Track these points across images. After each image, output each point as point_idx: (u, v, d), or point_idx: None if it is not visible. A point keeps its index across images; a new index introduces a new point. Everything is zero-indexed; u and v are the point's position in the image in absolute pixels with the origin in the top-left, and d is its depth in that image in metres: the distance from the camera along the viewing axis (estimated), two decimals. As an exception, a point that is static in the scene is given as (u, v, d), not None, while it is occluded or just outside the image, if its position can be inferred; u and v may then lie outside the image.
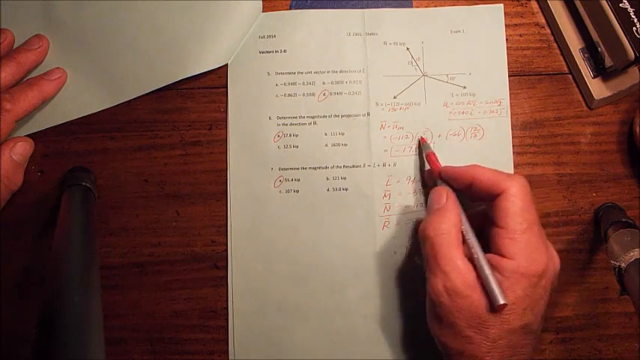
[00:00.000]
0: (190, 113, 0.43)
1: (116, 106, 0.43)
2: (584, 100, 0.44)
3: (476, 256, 0.35)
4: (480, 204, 0.40)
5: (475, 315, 0.34)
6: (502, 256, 0.35)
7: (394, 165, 0.43)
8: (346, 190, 0.43)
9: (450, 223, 0.36)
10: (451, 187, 0.39)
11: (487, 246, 0.36)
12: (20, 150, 0.40)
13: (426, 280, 0.36)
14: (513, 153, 0.44)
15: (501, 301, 0.32)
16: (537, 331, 0.35)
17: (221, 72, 0.43)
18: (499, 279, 0.34)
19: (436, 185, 0.40)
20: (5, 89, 0.40)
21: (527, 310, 0.34)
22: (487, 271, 0.34)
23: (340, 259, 0.43)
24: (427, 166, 0.43)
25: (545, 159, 0.44)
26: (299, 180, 0.43)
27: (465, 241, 0.36)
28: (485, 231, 0.38)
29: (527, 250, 0.34)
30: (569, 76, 0.45)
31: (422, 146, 0.43)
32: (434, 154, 0.42)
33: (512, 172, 0.44)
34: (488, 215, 0.38)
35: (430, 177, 0.42)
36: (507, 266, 0.34)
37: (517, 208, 0.35)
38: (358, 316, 0.43)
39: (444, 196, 0.38)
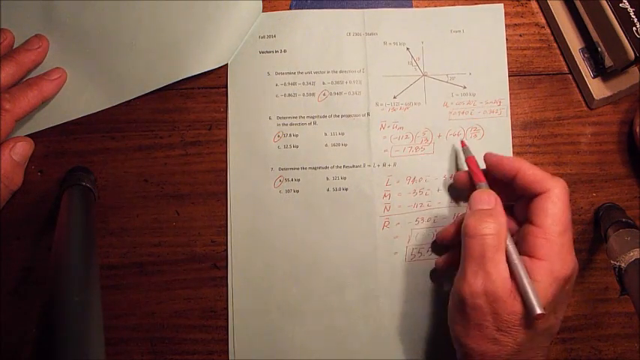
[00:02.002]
0: (190, 113, 0.43)
1: (116, 106, 0.43)
2: (584, 100, 0.44)
3: (514, 262, 0.34)
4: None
5: (506, 320, 0.33)
6: (533, 255, 0.34)
7: (394, 165, 0.43)
8: (346, 190, 0.43)
9: (501, 226, 0.35)
10: (492, 177, 0.39)
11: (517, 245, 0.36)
12: (20, 150, 0.40)
13: (456, 278, 0.36)
14: (513, 153, 0.44)
15: (539, 311, 0.32)
16: (555, 333, 0.36)
17: (221, 72, 0.43)
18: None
19: (470, 183, 0.40)
20: (5, 89, 0.40)
21: (552, 314, 0.34)
22: (526, 280, 0.33)
23: (340, 259, 0.43)
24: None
25: (545, 159, 0.44)
26: (299, 180, 0.43)
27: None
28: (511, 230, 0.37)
29: (561, 253, 0.34)
30: (569, 76, 0.45)
31: (463, 150, 0.42)
32: (474, 159, 0.41)
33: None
34: (513, 214, 0.38)
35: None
36: (540, 268, 0.34)
37: (558, 210, 0.35)
38: (358, 316, 0.43)
39: (493, 199, 0.37)
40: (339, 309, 0.43)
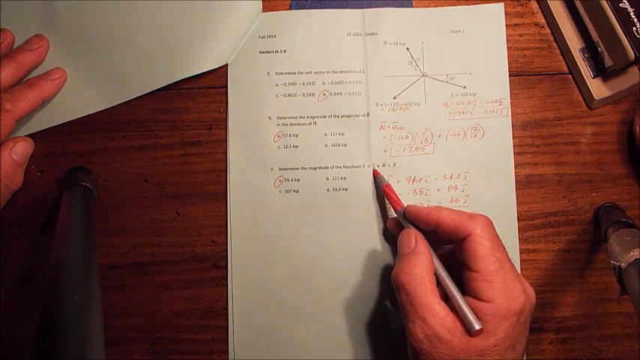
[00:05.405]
0: (190, 113, 0.43)
1: (116, 106, 0.43)
2: (584, 100, 0.44)
3: (446, 286, 0.34)
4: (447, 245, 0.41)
5: (462, 359, 0.33)
6: (479, 299, 0.34)
7: (394, 165, 0.43)
8: (346, 190, 0.43)
9: (422, 268, 0.35)
10: (418, 228, 0.38)
11: (461, 289, 0.36)
12: (20, 150, 0.40)
13: (404, 327, 0.35)
14: (513, 153, 0.44)
15: (477, 327, 0.32)
16: None
17: (221, 72, 0.43)
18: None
19: (403, 226, 0.40)
20: (5, 89, 0.40)
21: (509, 349, 0.34)
22: (459, 298, 0.34)
23: (340, 259, 0.43)
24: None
25: (545, 159, 0.44)
26: (299, 180, 0.43)
27: (438, 282, 0.36)
28: (455, 271, 0.37)
29: (504, 290, 0.34)
30: (569, 76, 0.45)
31: (376, 179, 0.42)
32: (390, 186, 0.41)
33: (512, 172, 0.44)
34: (455, 255, 0.38)
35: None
36: (487, 310, 0.33)
37: (487, 250, 0.35)
38: (358, 316, 0.43)
39: (413, 239, 0.37)
40: (339, 308, 0.43)
